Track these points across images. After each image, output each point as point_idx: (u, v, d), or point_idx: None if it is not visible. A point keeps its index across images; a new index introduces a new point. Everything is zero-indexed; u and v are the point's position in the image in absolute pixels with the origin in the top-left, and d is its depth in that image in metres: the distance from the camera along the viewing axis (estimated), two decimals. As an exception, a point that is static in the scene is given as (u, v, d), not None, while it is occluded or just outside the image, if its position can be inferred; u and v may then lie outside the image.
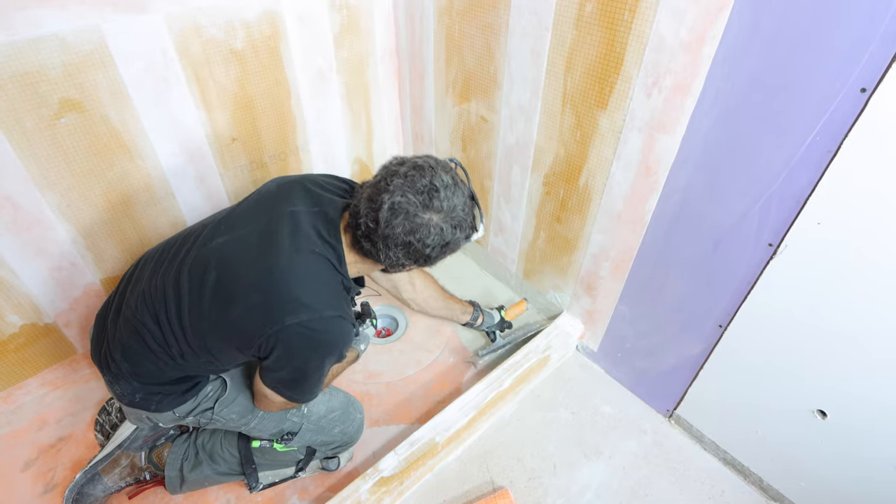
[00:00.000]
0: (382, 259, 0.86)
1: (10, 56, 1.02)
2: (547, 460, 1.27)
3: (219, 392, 1.03)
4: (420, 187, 0.81)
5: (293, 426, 1.09)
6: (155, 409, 0.98)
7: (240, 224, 0.93)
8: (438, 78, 1.56)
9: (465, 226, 0.86)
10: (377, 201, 0.81)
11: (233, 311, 0.85)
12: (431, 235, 0.82)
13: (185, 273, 0.90)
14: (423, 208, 0.81)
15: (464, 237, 0.88)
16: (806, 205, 0.86)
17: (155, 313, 0.91)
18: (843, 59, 0.75)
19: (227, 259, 0.88)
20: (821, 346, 0.95)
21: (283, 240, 0.87)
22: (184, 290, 0.89)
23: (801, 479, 1.13)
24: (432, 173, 0.82)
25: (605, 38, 1.04)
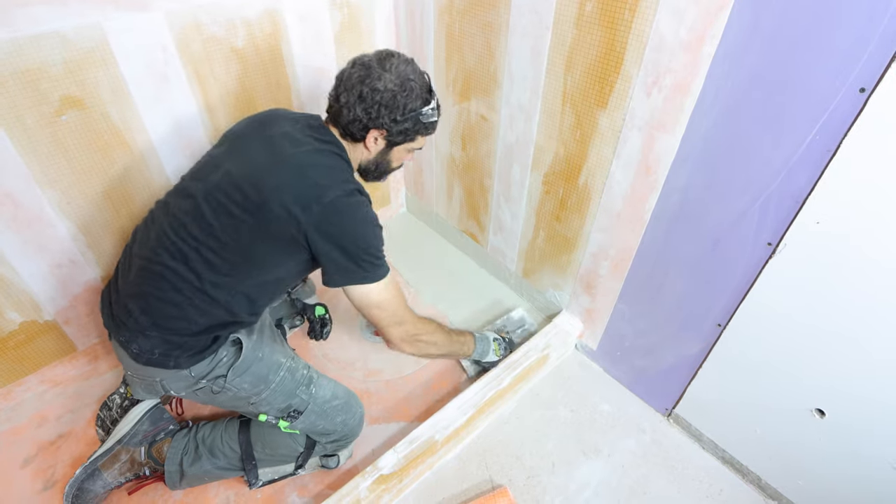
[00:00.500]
0: (347, 120, 1.01)
1: (12, 53, 1.02)
2: (546, 458, 1.28)
3: (233, 359, 1.03)
4: (378, 53, 1.01)
5: (301, 403, 1.10)
6: (174, 365, 0.98)
7: (235, 153, 1.02)
8: (438, 76, 1.57)
9: (415, 90, 1.00)
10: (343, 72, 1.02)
11: (268, 208, 0.93)
12: (381, 82, 0.97)
13: (202, 205, 0.96)
14: (377, 64, 0.99)
15: (416, 100, 1.01)
16: (805, 204, 0.87)
17: (179, 250, 0.96)
18: (842, 58, 0.75)
19: (244, 176, 0.96)
20: (819, 345, 0.96)
21: (286, 147, 0.99)
22: (208, 217, 0.95)
23: (799, 477, 1.13)
24: (391, 53, 1.02)
25: (605, 37, 1.05)
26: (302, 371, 1.13)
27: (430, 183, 1.90)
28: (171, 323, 0.97)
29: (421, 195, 2.02)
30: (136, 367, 1.01)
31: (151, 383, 1.03)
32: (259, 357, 1.07)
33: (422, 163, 1.89)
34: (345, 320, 1.64)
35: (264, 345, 1.10)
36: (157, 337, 0.97)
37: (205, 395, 1.06)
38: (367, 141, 1.05)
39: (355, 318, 1.65)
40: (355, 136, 1.04)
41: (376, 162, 1.11)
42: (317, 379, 1.15)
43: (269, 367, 1.07)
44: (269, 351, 1.10)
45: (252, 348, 1.06)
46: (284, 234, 0.95)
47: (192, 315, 0.97)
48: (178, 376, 1.01)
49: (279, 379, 1.08)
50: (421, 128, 1.06)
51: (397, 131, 1.03)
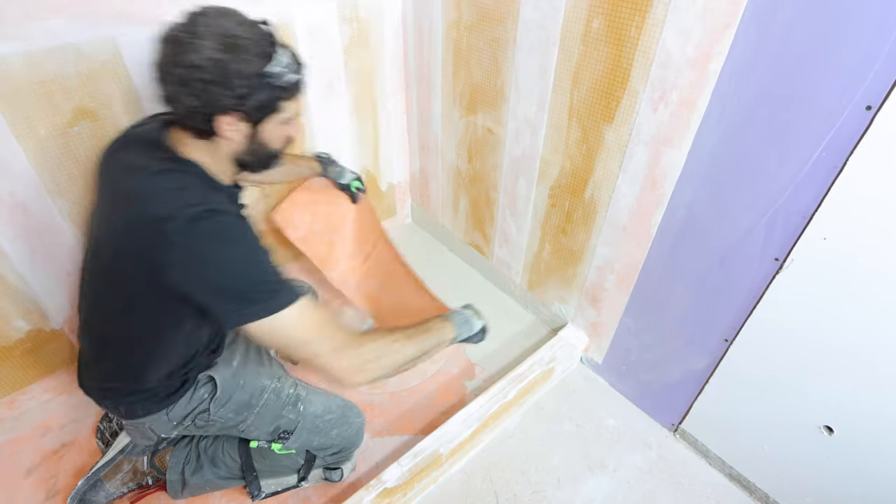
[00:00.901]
0: (182, 113, 0.77)
1: (27, 65, 1.03)
2: (551, 473, 1.27)
3: (211, 392, 1.01)
4: (184, 16, 0.74)
5: (289, 424, 1.07)
6: (144, 413, 0.95)
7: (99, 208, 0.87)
8: (446, 90, 1.58)
9: (247, 45, 0.73)
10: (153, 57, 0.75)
11: (116, 264, 0.80)
12: (197, 54, 0.71)
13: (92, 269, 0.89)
14: (185, 32, 0.72)
15: (255, 63, 0.74)
16: (812, 220, 0.87)
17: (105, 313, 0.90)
18: (848, 76, 0.76)
19: (101, 235, 0.85)
20: (827, 362, 0.95)
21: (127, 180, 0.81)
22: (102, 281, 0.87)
23: (807, 495, 1.12)
24: (202, 11, 0.74)
25: (611, 53, 1.06)
26: (288, 391, 1.09)
27: (436, 195, 1.91)
28: (119, 381, 0.94)
29: (427, 207, 2.03)
30: (121, 420, 1.00)
31: (142, 430, 1.00)
32: (240, 384, 1.03)
33: (428, 174, 1.90)
34: (349, 331, 1.64)
35: (247, 370, 1.06)
36: (116, 395, 0.95)
37: (193, 430, 1.04)
38: (220, 131, 0.78)
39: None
40: (203, 130, 0.78)
41: (250, 150, 0.85)
42: (305, 396, 1.10)
43: (252, 392, 1.04)
44: (253, 375, 1.06)
45: (231, 377, 1.03)
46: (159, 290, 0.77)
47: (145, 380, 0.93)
48: (161, 421, 0.98)
49: (263, 402, 1.05)
50: (279, 91, 0.78)
51: (250, 107, 0.77)
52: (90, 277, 0.90)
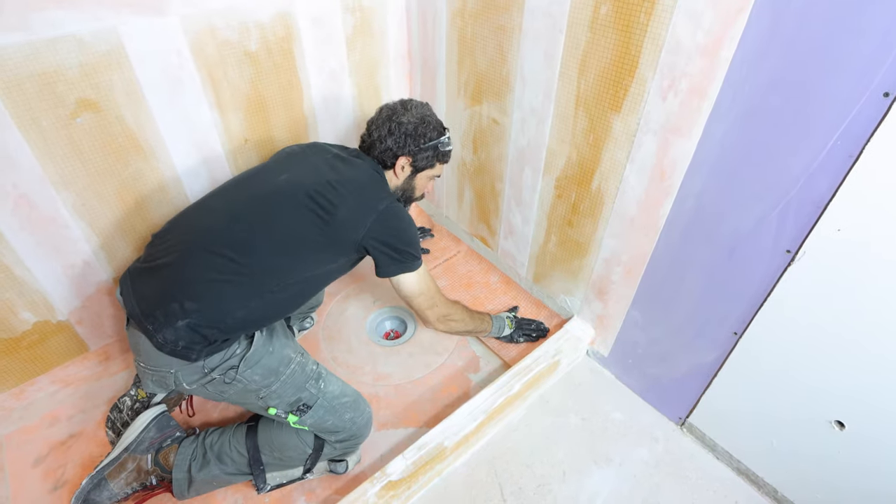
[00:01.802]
0: (379, 150, 1.22)
1: (29, 56, 1.03)
2: (556, 467, 1.26)
3: (245, 350, 1.05)
4: (399, 101, 1.26)
5: (310, 397, 1.11)
6: (195, 357, 0.99)
7: (298, 165, 1.19)
8: (450, 80, 1.56)
9: (431, 124, 1.23)
10: (373, 117, 1.26)
11: (339, 213, 1.09)
12: (405, 116, 1.21)
13: (265, 203, 1.09)
14: (401, 106, 1.24)
15: (433, 132, 1.23)
16: (826, 211, 0.85)
17: (240, 243, 1.04)
18: (865, 62, 0.73)
19: (314, 185, 1.10)
20: (839, 356, 0.93)
21: (345, 169, 1.17)
22: (272, 214, 1.07)
23: (817, 491, 1.10)
24: (410, 99, 1.27)
25: (619, 40, 1.03)
26: (311, 366, 1.15)
27: (441, 186, 1.89)
28: (214, 312, 0.99)
29: (431, 198, 2.01)
30: (153, 356, 1.00)
31: (164, 375, 1.03)
32: (270, 351, 1.09)
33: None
34: (353, 324, 1.64)
35: (275, 339, 1.12)
36: (189, 328, 0.98)
37: (214, 388, 1.05)
38: (396, 168, 1.24)
39: (363, 322, 1.65)
40: (386, 163, 1.24)
41: (403, 188, 1.29)
42: (326, 375, 1.16)
43: (280, 360, 1.09)
44: (280, 345, 1.12)
45: (263, 342, 1.09)
46: (345, 238, 1.10)
47: (237, 308, 1.02)
48: (193, 368, 1.02)
49: (289, 372, 1.10)
50: (439, 155, 1.26)
51: (421, 157, 1.23)
52: (243, 211, 1.09)
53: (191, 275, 1.01)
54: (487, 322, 1.48)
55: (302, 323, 1.58)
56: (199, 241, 1.05)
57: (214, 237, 1.05)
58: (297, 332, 1.57)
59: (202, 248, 1.04)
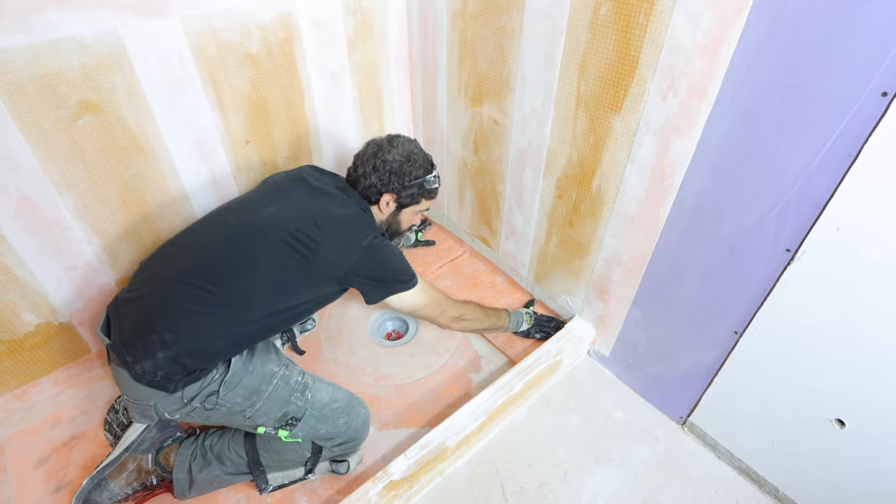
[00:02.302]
0: (363, 186, 1.21)
1: (31, 58, 1.03)
2: (557, 466, 1.26)
3: (223, 374, 1.04)
4: (388, 135, 1.26)
5: (297, 410, 1.09)
6: (173, 389, 0.99)
7: (283, 198, 1.18)
8: (451, 81, 1.57)
9: (417, 161, 1.22)
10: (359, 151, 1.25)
11: (322, 252, 1.07)
12: (391, 154, 1.20)
13: (247, 237, 1.09)
14: (387, 143, 1.23)
15: (419, 169, 1.22)
16: (825, 210, 0.85)
17: (217, 276, 1.04)
18: (863, 62, 0.74)
19: (295, 222, 1.09)
20: (839, 354, 0.94)
21: (331, 205, 1.16)
22: (255, 250, 1.06)
23: (818, 489, 1.10)
24: (398, 135, 1.26)
25: (619, 41, 1.04)
26: (296, 378, 1.12)
27: (442, 187, 1.89)
28: (193, 343, 0.98)
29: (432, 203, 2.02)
30: (133, 389, 1.00)
31: (146, 407, 1.03)
32: (250, 370, 1.07)
33: (433, 167, 1.89)
34: (355, 324, 1.64)
35: (255, 357, 1.10)
36: (168, 359, 0.97)
37: (199, 416, 1.05)
38: (380, 204, 1.24)
39: (365, 323, 1.65)
40: (371, 199, 1.23)
41: (388, 223, 1.29)
42: (312, 384, 1.14)
43: (261, 377, 1.08)
44: (261, 362, 1.10)
45: (242, 363, 1.07)
46: (327, 274, 1.10)
47: (217, 338, 1.01)
48: (171, 399, 1.01)
49: (272, 388, 1.08)
50: (425, 192, 1.26)
51: (406, 195, 1.23)
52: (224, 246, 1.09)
53: (169, 306, 1.01)
54: (504, 318, 1.49)
55: (303, 325, 1.59)
56: (179, 272, 1.05)
57: (194, 269, 1.05)
58: (299, 333, 1.58)
59: (181, 279, 1.03)
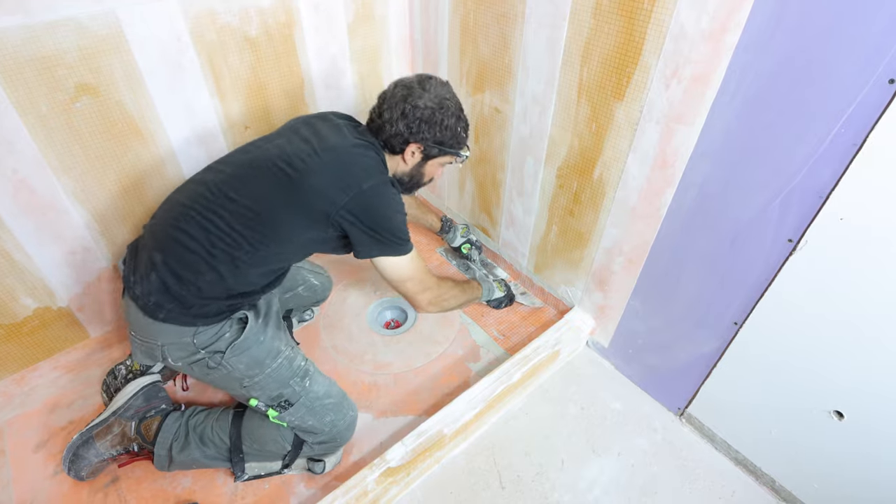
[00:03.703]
0: (389, 133, 1.10)
1: (28, 39, 1.02)
2: (555, 455, 1.26)
3: (234, 336, 1.04)
4: (418, 76, 1.13)
5: (292, 395, 1.09)
6: (184, 322, 1.00)
7: (287, 134, 1.11)
8: (452, 68, 1.55)
9: (450, 108, 1.11)
10: (386, 92, 1.13)
11: (310, 179, 1.01)
12: (422, 101, 1.08)
13: (246, 171, 1.04)
14: (418, 85, 1.10)
15: (451, 118, 1.11)
16: (829, 199, 0.84)
17: (214, 210, 1.00)
18: (870, 48, 0.72)
19: (294, 152, 1.04)
20: (839, 345, 0.93)
21: (334, 138, 1.08)
22: (249, 182, 1.02)
23: (814, 481, 1.10)
24: (429, 77, 1.13)
25: (623, 27, 1.02)
26: (300, 362, 1.13)
27: (443, 176, 1.89)
28: (192, 276, 0.99)
29: (432, 189, 2.01)
30: (143, 324, 1.01)
31: (152, 347, 1.03)
32: (260, 340, 1.07)
33: (434, 156, 1.88)
34: (355, 312, 1.64)
35: (268, 329, 1.10)
36: (158, 280, 0.98)
37: (200, 370, 1.06)
38: (405, 154, 1.14)
39: (364, 311, 1.65)
40: (395, 148, 1.13)
41: (411, 174, 1.20)
42: (313, 374, 1.14)
43: (268, 351, 1.08)
44: (271, 337, 1.10)
45: (256, 330, 1.07)
46: (317, 211, 1.02)
47: (205, 268, 1.00)
48: (180, 342, 1.02)
49: (276, 365, 1.08)
50: (454, 143, 1.15)
51: (434, 144, 1.12)
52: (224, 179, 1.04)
53: (167, 234, 1.02)
54: (477, 289, 1.48)
55: (302, 315, 1.58)
56: (181, 202, 1.04)
57: (194, 200, 1.03)
58: (297, 323, 1.57)
59: (181, 208, 1.03)
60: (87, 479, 1.15)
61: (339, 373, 1.45)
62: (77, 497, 1.15)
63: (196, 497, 1.16)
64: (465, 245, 1.79)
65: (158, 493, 1.17)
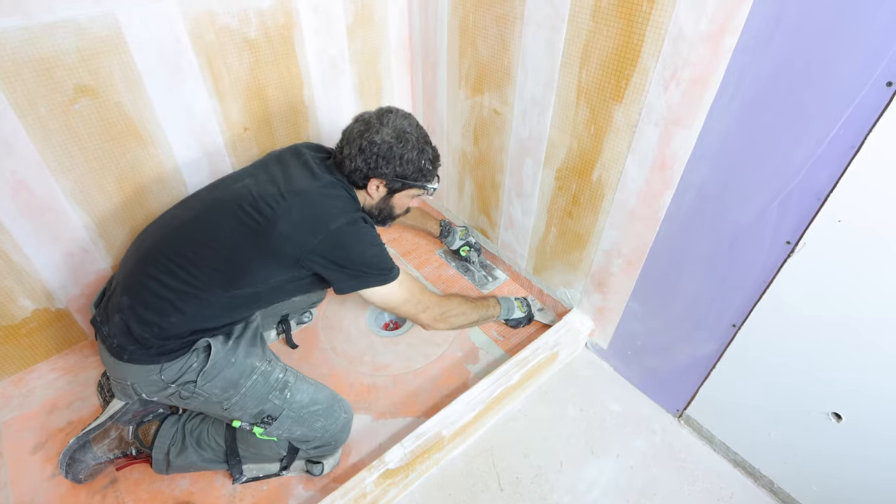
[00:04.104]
0: (349, 169, 1.09)
1: (27, 41, 1.02)
2: (554, 457, 1.26)
3: (202, 364, 1.02)
4: (378, 110, 1.12)
5: (274, 409, 1.07)
6: (148, 360, 0.99)
7: (257, 173, 1.10)
8: (451, 70, 1.55)
9: (410, 141, 1.08)
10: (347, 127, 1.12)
11: (278, 226, 1.00)
12: (379, 136, 1.06)
13: (213, 212, 1.04)
14: (376, 119, 1.09)
15: (412, 151, 1.09)
16: (827, 201, 0.84)
17: (180, 252, 1.01)
18: (869, 51, 0.73)
19: (261, 193, 1.03)
20: (838, 347, 0.93)
21: (304, 180, 1.08)
22: (215, 224, 1.02)
23: (813, 483, 1.10)
24: (390, 109, 1.12)
25: (622, 29, 1.02)
26: (277, 375, 1.09)
27: (442, 178, 1.88)
28: (157, 318, 0.99)
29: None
30: (112, 364, 1.02)
31: (124, 387, 1.03)
32: (231, 362, 1.04)
33: (433, 157, 1.88)
34: (353, 314, 1.64)
35: (240, 349, 1.06)
36: (122, 322, 0.99)
37: (176, 400, 1.06)
38: (368, 188, 1.13)
39: (363, 312, 1.65)
40: (357, 184, 1.12)
41: (379, 208, 1.19)
42: (294, 383, 1.11)
43: (242, 371, 1.05)
44: (244, 354, 1.06)
45: (225, 354, 1.03)
46: (287, 256, 1.02)
47: (171, 314, 0.99)
48: (148, 380, 1.01)
49: (251, 383, 1.05)
50: (418, 176, 1.13)
51: (395, 179, 1.11)
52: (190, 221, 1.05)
53: (135, 278, 1.02)
54: (494, 306, 1.43)
55: (300, 316, 1.58)
56: (151, 247, 1.05)
57: (164, 245, 1.03)
58: (296, 325, 1.57)
59: (151, 255, 1.03)
60: (85, 482, 1.15)
61: (338, 374, 1.45)
62: (75, 499, 1.15)
63: (195, 499, 1.16)
64: (464, 247, 1.78)
65: (157, 495, 1.17)
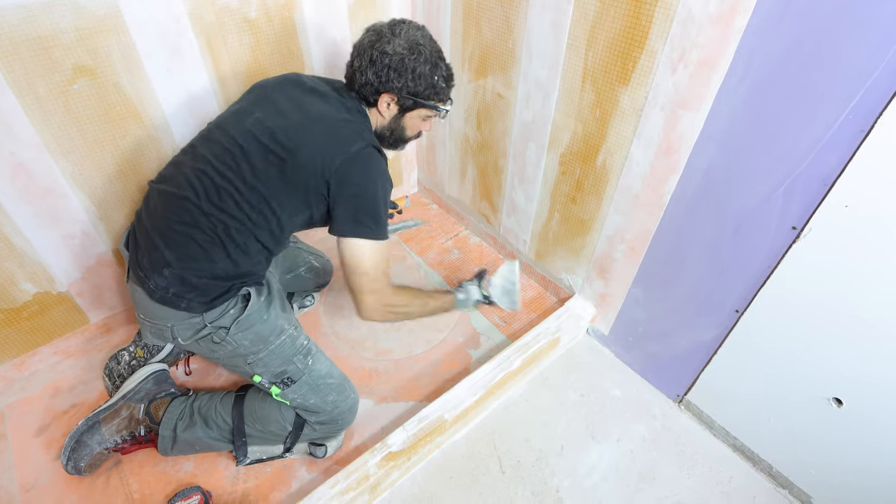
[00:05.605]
0: (360, 83, 1.05)
1: (24, 19, 1.00)
2: (554, 441, 1.27)
3: (238, 313, 1.04)
4: (391, 20, 1.05)
5: (295, 372, 1.10)
6: (185, 307, 0.99)
7: (267, 103, 1.06)
8: (454, 52, 1.53)
9: (423, 54, 1.03)
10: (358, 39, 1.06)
11: (300, 155, 0.98)
12: (390, 46, 1.01)
13: (233, 149, 1.00)
14: (388, 30, 1.03)
15: (425, 65, 1.03)
16: (834, 187, 0.84)
17: (205, 191, 0.99)
18: (880, 33, 0.72)
19: (278, 126, 1.00)
20: (840, 333, 0.93)
21: (317, 105, 1.05)
22: (238, 160, 0.99)
23: (812, 467, 1.11)
24: (403, 20, 1.05)
25: (630, 10, 1.01)
26: (302, 341, 1.13)
27: (444, 163, 1.87)
28: (191, 261, 0.99)
29: (434, 175, 2.00)
30: (149, 306, 1.01)
31: (161, 328, 1.04)
32: (264, 318, 1.06)
33: (435, 142, 1.86)
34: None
35: (272, 308, 1.09)
36: (175, 275, 0.98)
37: (206, 346, 1.06)
38: (379, 105, 1.08)
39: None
40: (369, 100, 1.08)
41: (390, 128, 1.13)
42: (315, 353, 1.14)
43: (272, 329, 1.07)
44: (275, 315, 1.09)
45: (259, 308, 1.06)
46: (308, 183, 1.00)
47: (213, 257, 0.99)
48: (190, 323, 1.02)
49: (279, 342, 1.08)
50: (431, 93, 1.07)
51: (407, 94, 1.05)
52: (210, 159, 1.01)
53: (165, 223, 1.00)
54: (448, 300, 1.32)
55: (303, 301, 1.58)
56: (175, 189, 1.02)
57: (188, 188, 1.00)
58: (298, 309, 1.57)
59: (176, 196, 1.01)
60: (84, 473, 1.14)
61: (340, 359, 1.46)
62: (79, 480, 1.16)
63: (198, 481, 1.17)
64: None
65: (160, 477, 1.17)
